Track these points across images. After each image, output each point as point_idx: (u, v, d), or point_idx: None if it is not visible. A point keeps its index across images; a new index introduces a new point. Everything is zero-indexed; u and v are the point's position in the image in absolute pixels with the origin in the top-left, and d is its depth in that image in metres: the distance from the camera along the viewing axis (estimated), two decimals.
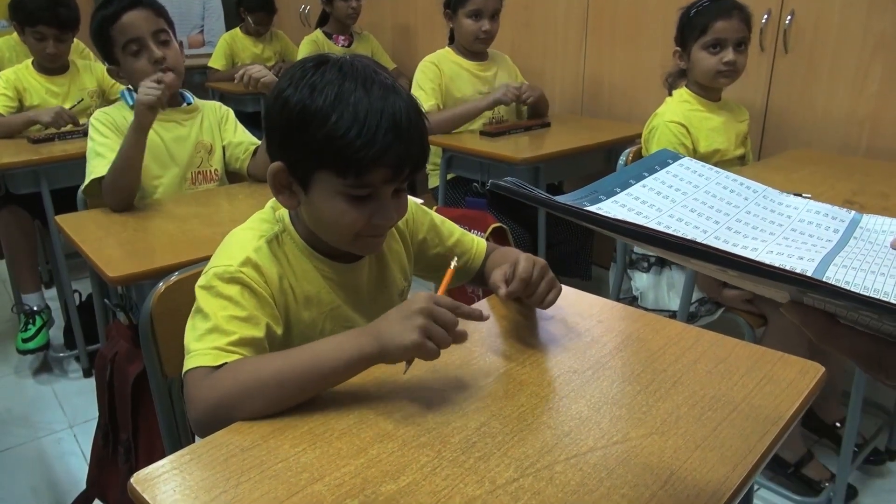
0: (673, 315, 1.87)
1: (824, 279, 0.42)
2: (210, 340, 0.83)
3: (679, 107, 1.92)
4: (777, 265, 0.42)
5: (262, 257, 0.92)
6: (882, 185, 1.71)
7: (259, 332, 0.87)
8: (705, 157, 1.90)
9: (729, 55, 1.83)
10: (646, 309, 1.93)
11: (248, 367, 0.80)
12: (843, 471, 1.62)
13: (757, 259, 0.42)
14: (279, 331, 0.91)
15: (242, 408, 0.77)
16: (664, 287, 1.92)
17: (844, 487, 1.65)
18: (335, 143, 0.83)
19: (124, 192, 1.59)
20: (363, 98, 0.83)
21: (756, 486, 1.77)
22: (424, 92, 2.40)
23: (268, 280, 0.91)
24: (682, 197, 0.54)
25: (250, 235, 0.95)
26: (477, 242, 1.16)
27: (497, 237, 2.11)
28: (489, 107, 2.38)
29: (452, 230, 1.14)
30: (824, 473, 1.73)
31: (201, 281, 0.90)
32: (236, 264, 0.89)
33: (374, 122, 0.83)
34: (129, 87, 1.72)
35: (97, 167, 1.60)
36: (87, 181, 1.62)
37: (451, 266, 0.92)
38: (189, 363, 0.83)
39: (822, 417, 1.88)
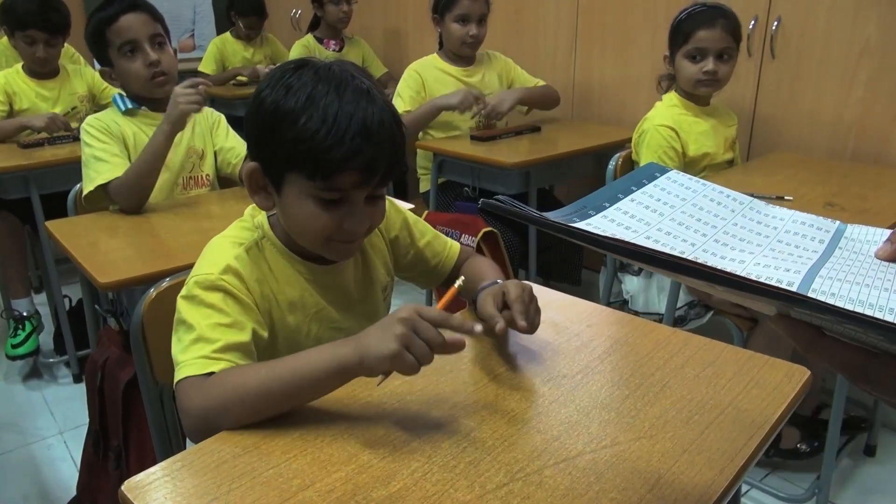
0: (660, 319, 1.89)
1: (811, 291, 0.43)
2: (195, 350, 0.84)
3: (668, 111, 1.93)
4: (763, 278, 0.43)
5: (243, 264, 0.92)
6: (861, 187, 1.74)
7: (245, 337, 0.87)
8: (694, 161, 1.92)
9: (709, 65, 1.84)
10: (636, 312, 1.95)
11: (234, 377, 0.80)
12: (827, 467, 1.65)
13: (744, 272, 0.43)
14: (265, 334, 0.92)
15: (228, 417, 0.78)
16: (654, 290, 1.93)
17: (829, 483, 1.67)
18: (304, 144, 0.84)
19: (145, 193, 1.62)
20: (334, 101, 0.84)
21: (746, 488, 1.78)
22: (402, 99, 2.42)
23: (249, 286, 0.91)
24: (671, 210, 0.55)
25: (229, 243, 0.95)
26: (449, 246, 1.15)
27: (488, 241, 2.12)
28: (442, 108, 2.35)
29: (425, 231, 1.14)
30: (795, 436, 1.78)
31: (182, 291, 0.90)
32: (217, 272, 0.89)
33: (344, 124, 0.83)
34: (122, 92, 1.72)
35: (102, 172, 1.59)
36: (91, 187, 1.60)
37: (455, 285, 0.89)
38: (178, 374, 0.83)
39: (799, 412, 1.91)
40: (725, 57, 1.86)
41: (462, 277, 0.91)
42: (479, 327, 0.79)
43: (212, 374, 0.82)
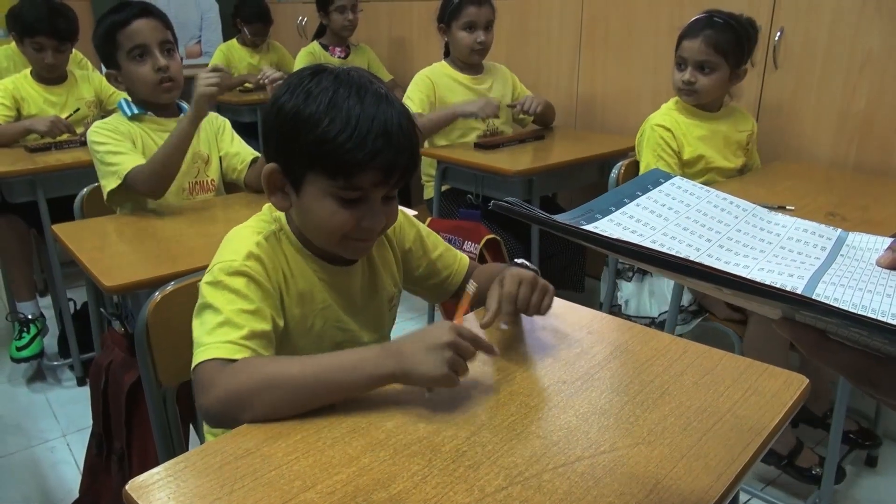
0: (651, 322, 1.90)
1: (814, 296, 0.43)
2: (222, 333, 0.85)
3: (668, 113, 1.96)
4: (768, 282, 0.44)
5: (263, 251, 0.95)
6: (863, 198, 1.74)
7: (267, 325, 0.89)
8: (690, 163, 1.95)
9: (686, 75, 1.88)
10: (628, 316, 1.96)
11: (268, 366, 0.82)
12: (828, 478, 1.65)
13: (749, 276, 0.44)
14: (281, 323, 0.94)
15: (254, 405, 0.79)
16: (646, 294, 1.95)
17: (830, 493, 1.67)
18: (327, 146, 0.86)
19: (169, 178, 1.63)
20: (356, 105, 0.87)
21: (746, 498, 1.78)
22: (412, 101, 2.42)
23: (269, 273, 0.94)
24: (675, 215, 0.56)
25: (249, 232, 0.98)
26: (459, 259, 1.17)
27: (491, 249, 2.13)
28: (460, 115, 2.36)
29: (437, 244, 1.16)
30: (814, 459, 1.76)
31: (206, 277, 0.92)
32: (241, 258, 0.92)
33: (366, 126, 0.86)
34: (127, 98, 1.74)
35: (124, 163, 1.60)
36: (116, 180, 1.60)
37: (468, 291, 0.94)
38: (202, 355, 0.84)
39: (813, 410, 1.91)
40: (706, 70, 1.87)
41: (473, 283, 0.95)
42: (496, 350, 0.87)
43: (236, 360, 0.83)
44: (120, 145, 1.64)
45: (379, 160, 0.87)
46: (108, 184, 1.62)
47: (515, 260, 1.06)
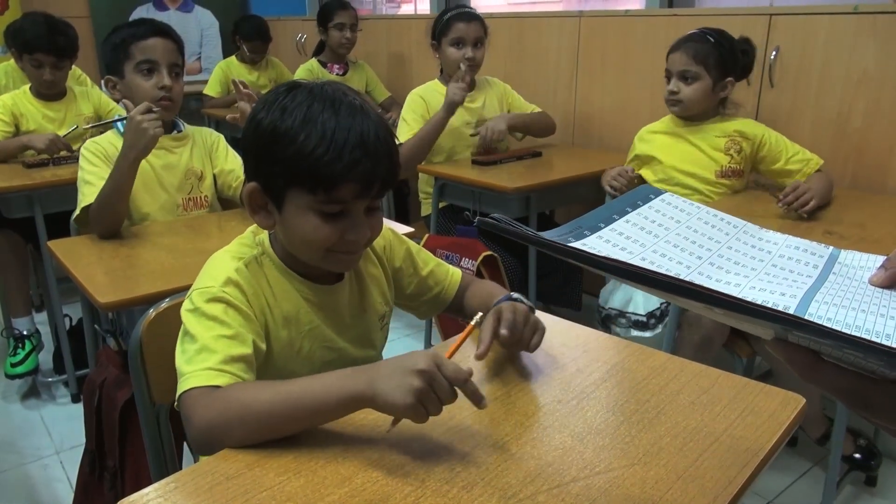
0: (619, 314, 1.90)
1: (807, 315, 0.43)
2: (200, 361, 0.85)
3: (653, 126, 2.10)
4: (760, 301, 0.43)
5: (243, 277, 0.94)
6: (859, 215, 1.75)
7: (247, 349, 0.88)
8: (645, 159, 2.07)
9: (670, 85, 1.96)
10: (603, 308, 1.95)
11: (241, 394, 0.81)
12: (827, 498, 1.63)
13: (740, 295, 0.43)
14: (264, 347, 0.93)
15: (232, 434, 0.78)
16: (620, 289, 1.94)
17: None
18: (304, 160, 0.86)
19: (111, 220, 1.60)
20: (331, 118, 0.87)
21: None
22: (407, 124, 2.41)
23: (249, 298, 0.93)
24: (665, 232, 0.55)
25: (229, 257, 0.97)
26: (451, 273, 1.17)
27: (488, 265, 2.12)
28: (447, 114, 2.31)
29: (427, 260, 1.15)
30: None
31: (186, 304, 0.92)
32: (218, 284, 0.91)
33: (342, 138, 0.86)
34: (122, 113, 1.74)
35: (88, 195, 1.61)
36: (78, 209, 1.63)
37: (472, 323, 0.90)
38: (183, 385, 0.84)
39: (809, 434, 1.89)
40: (689, 80, 1.93)
41: (480, 314, 0.93)
42: (486, 403, 0.79)
43: (217, 387, 0.82)
44: (94, 173, 1.63)
45: (357, 171, 0.86)
46: (76, 209, 1.65)
47: (511, 294, 1.03)
